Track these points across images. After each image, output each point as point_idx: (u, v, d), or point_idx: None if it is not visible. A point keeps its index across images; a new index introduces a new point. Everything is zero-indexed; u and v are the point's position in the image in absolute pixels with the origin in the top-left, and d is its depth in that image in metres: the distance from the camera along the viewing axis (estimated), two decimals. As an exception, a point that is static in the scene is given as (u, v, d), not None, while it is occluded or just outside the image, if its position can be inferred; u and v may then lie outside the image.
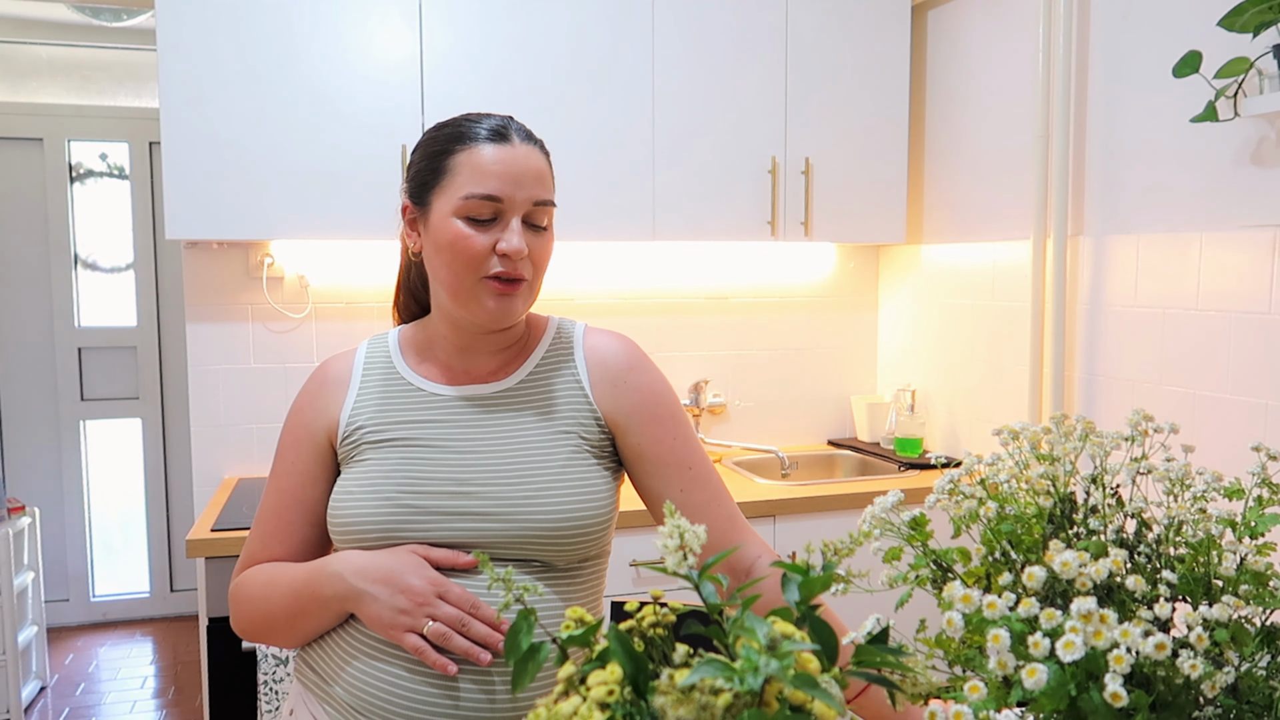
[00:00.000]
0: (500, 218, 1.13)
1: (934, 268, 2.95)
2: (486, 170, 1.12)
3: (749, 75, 2.70)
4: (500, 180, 1.12)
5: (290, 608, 1.14)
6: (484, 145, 1.14)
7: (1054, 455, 0.88)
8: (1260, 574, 0.76)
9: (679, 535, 0.69)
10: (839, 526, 2.49)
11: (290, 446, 1.23)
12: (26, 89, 3.99)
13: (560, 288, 2.87)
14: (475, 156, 1.13)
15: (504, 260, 1.13)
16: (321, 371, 1.27)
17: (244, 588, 1.20)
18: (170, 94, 2.30)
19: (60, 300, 4.07)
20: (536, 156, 1.16)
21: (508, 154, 1.13)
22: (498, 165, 1.12)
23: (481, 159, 1.13)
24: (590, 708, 0.60)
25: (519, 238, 1.12)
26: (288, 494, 1.21)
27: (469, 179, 1.13)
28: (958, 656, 0.76)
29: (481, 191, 1.12)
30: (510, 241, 1.12)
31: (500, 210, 1.13)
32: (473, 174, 1.13)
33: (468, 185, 1.13)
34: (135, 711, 3.36)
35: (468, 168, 1.13)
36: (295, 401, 1.26)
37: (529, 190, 1.13)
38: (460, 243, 1.13)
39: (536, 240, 1.16)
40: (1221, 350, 2.05)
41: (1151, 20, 2.19)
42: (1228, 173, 2.02)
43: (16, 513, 3.32)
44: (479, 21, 2.47)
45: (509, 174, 1.12)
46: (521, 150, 1.14)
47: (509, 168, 1.13)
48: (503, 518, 1.12)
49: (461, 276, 1.14)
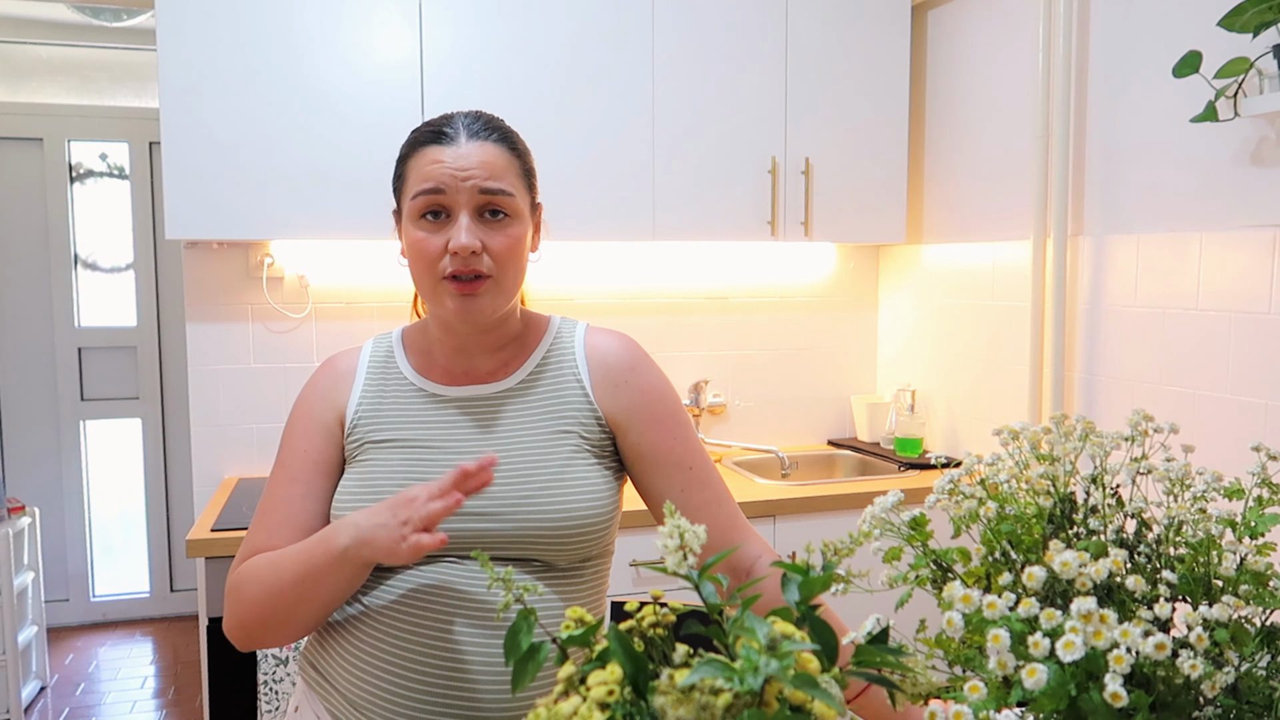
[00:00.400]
0: (450, 214, 1.14)
1: (934, 268, 2.95)
2: (427, 170, 1.14)
3: (749, 75, 2.70)
4: (440, 177, 1.13)
5: (301, 573, 1.07)
6: (428, 146, 1.15)
7: (1054, 455, 0.88)
8: (1260, 574, 0.76)
9: (679, 535, 0.69)
10: (839, 526, 2.49)
11: (301, 436, 1.21)
12: (26, 89, 3.99)
13: (560, 288, 2.87)
14: (420, 157, 1.15)
15: (454, 258, 1.12)
16: (329, 365, 1.27)
17: (247, 572, 1.13)
18: (170, 94, 2.30)
19: (60, 300, 4.07)
20: (486, 149, 1.15)
21: (450, 150, 1.14)
22: (437, 164, 1.13)
23: (424, 158, 1.15)
24: (590, 708, 0.60)
25: (466, 233, 1.12)
26: (299, 483, 1.18)
27: (415, 180, 1.15)
28: (958, 656, 0.76)
29: (423, 188, 1.13)
30: (456, 238, 1.12)
31: (445, 205, 1.14)
32: (418, 175, 1.15)
33: (414, 186, 1.15)
34: (135, 711, 3.36)
35: (414, 170, 1.16)
36: (301, 396, 1.25)
37: (473, 181, 1.13)
38: (416, 245, 1.15)
39: (494, 233, 1.15)
40: (1221, 350, 2.05)
41: (1151, 20, 2.19)
42: (1228, 173, 2.02)
43: (16, 513, 3.32)
44: (479, 22, 2.47)
45: (449, 169, 1.13)
46: (467, 146, 1.14)
47: (451, 163, 1.13)
48: (503, 517, 1.12)
49: (423, 278, 1.16)
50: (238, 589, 1.14)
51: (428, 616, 1.09)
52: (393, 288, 2.73)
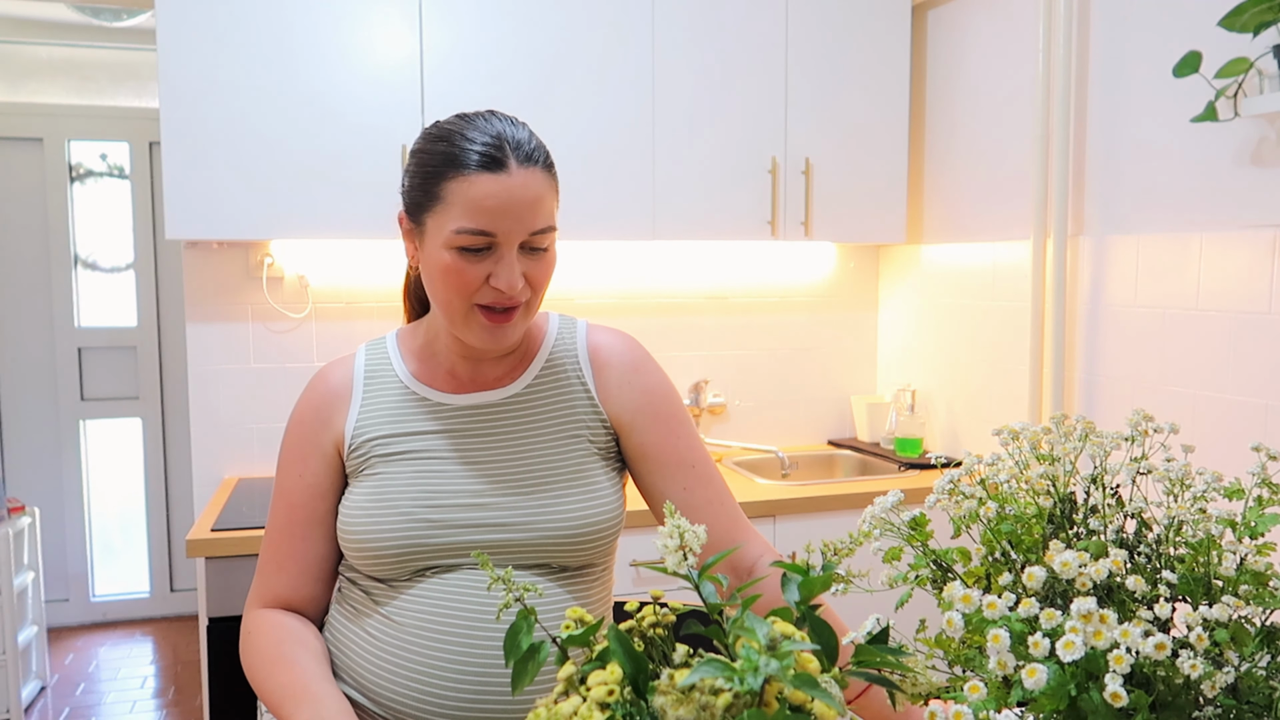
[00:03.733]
0: (494, 249, 1.08)
1: (934, 268, 2.95)
2: (479, 205, 1.05)
3: (749, 75, 2.70)
4: (493, 216, 1.05)
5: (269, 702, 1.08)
6: (477, 175, 1.06)
7: (1054, 455, 0.88)
8: (1260, 574, 0.76)
9: (679, 535, 0.69)
10: (839, 526, 2.49)
11: (297, 460, 1.19)
12: (26, 89, 3.99)
13: (560, 288, 2.87)
14: (468, 188, 1.06)
15: (498, 294, 1.09)
16: (321, 381, 1.22)
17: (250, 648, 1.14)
18: (170, 94, 2.30)
19: (60, 300, 4.07)
20: (535, 180, 1.08)
21: (502, 185, 1.05)
22: (491, 200, 1.05)
23: (474, 192, 1.05)
24: (590, 708, 0.60)
25: (513, 273, 1.07)
26: (299, 509, 1.17)
27: (461, 213, 1.06)
28: (958, 656, 0.76)
29: (473, 227, 1.06)
30: (502, 278, 1.07)
31: (494, 243, 1.07)
32: (465, 208, 1.06)
33: (459, 219, 1.06)
34: (135, 711, 3.36)
35: (460, 199, 1.06)
36: (295, 412, 1.22)
37: (526, 223, 1.07)
38: (452, 274, 1.08)
39: (535, 264, 1.10)
40: (1221, 350, 2.05)
41: (1151, 20, 2.19)
42: (1228, 173, 2.02)
43: (16, 513, 3.32)
44: (479, 21, 2.47)
45: (503, 208, 1.05)
46: (518, 178, 1.06)
47: (503, 201, 1.05)
48: (519, 528, 1.12)
49: (453, 304, 1.10)
50: (245, 643, 1.16)
51: (449, 628, 1.09)
52: (393, 288, 2.73)
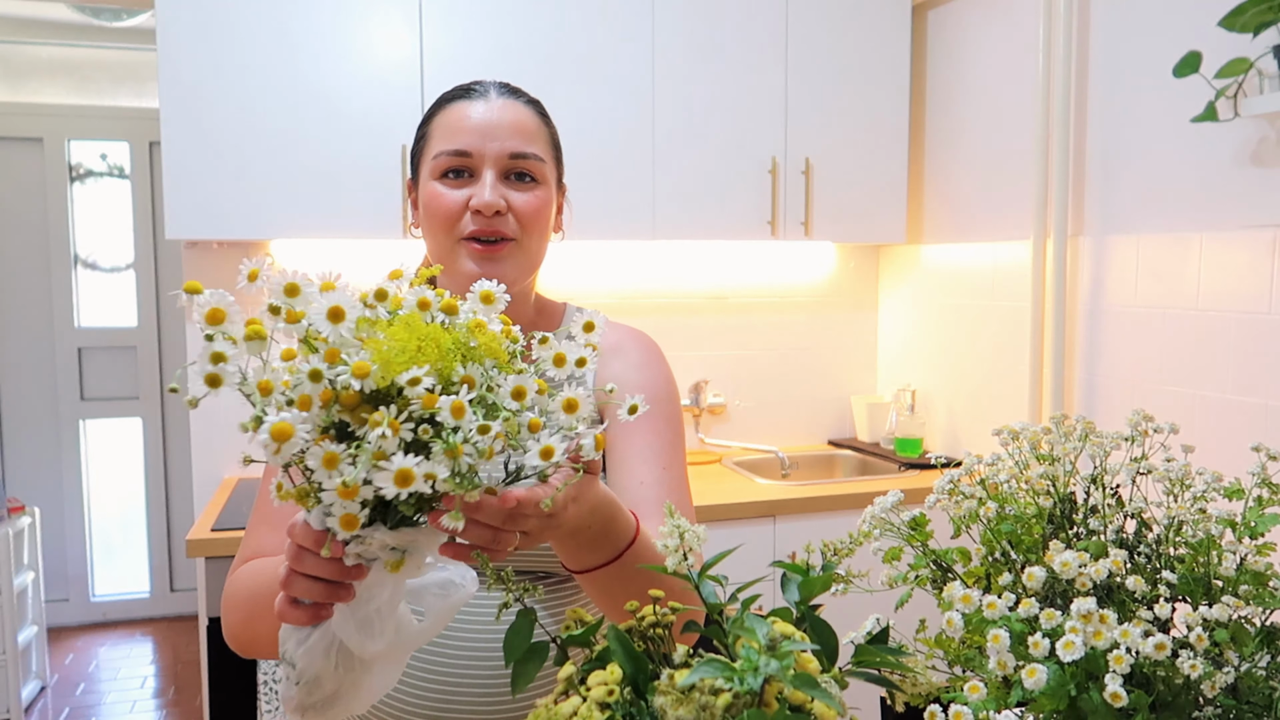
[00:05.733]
0: (474, 174, 1.09)
1: (934, 268, 2.95)
2: (454, 125, 1.10)
3: (749, 75, 2.70)
4: (468, 134, 1.09)
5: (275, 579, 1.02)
6: (456, 103, 1.11)
7: (1054, 455, 0.88)
8: (1260, 574, 0.76)
9: (679, 535, 0.69)
10: (839, 526, 2.49)
11: None
12: (26, 89, 3.99)
13: (560, 287, 2.87)
14: (447, 115, 1.11)
15: (477, 217, 1.07)
16: None
17: (237, 578, 1.09)
18: (170, 94, 2.30)
19: (60, 300, 4.07)
20: (516, 109, 1.12)
21: (479, 107, 1.10)
22: (467, 120, 1.09)
23: (451, 116, 1.11)
24: (590, 708, 0.60)
25: (490, 190, 1.06)
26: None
27: (440, 138, 1.10)
28: (958, 656, 0.76)
29: (450, 147, 1.08)
30: (480, 195, 1.06)
31: (471, 165, 1.09)
32: (443, 132, 1.10)
33: (439, 144, 1.10)
34: (135, 711, 3.36)
35: (440, 127, 1.11)
36: None
37: (502, 142, 1.08)
38: (433, 202, 1.09)
39: (521, 196, 1.10)
40: (1221, 350, 2.05)
41: (1151, 20, 2.19)
42: (1228, 173, 2.02)
43: (16, 513, 3.32)
44: (479, 21, 2.47)
45: (477, 126, 1.09)
46: (497, 103, 1.11)
47: (478, 121, 1.09)
48: None
49: (440, 239, 1.09)
50: (228, 596, 1.10)
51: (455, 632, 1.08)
52: (393, 288, 2.73)
